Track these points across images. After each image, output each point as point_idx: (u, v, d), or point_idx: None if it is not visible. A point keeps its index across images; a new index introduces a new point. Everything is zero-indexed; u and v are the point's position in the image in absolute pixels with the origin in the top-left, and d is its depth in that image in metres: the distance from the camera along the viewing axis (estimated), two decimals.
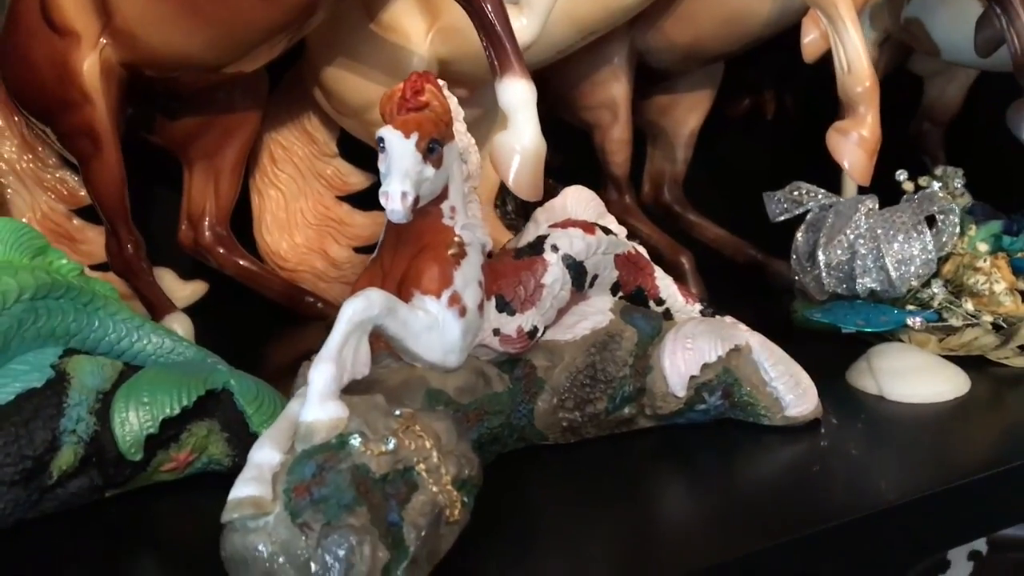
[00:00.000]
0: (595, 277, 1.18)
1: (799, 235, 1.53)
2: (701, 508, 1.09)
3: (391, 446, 0.87)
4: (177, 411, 1.02)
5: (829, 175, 1.68)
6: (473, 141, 1.09)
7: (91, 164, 1.32)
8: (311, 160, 1.68)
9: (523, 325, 1.08)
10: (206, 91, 1.46)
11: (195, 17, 1.23)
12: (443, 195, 1.04)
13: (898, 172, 1.52)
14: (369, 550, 0.81)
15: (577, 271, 1.14)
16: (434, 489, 0.88)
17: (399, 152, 0.97)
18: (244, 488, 0.85)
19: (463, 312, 1.00)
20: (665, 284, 1.26)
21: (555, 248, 1.13)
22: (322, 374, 0.88)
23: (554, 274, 1.12)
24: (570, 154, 1.68)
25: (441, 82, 1.06)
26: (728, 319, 1.28)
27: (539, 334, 1.10)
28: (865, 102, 1.24)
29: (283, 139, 1.67)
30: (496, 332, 1.06)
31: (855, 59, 1.24)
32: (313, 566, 0.81)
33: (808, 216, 1.54)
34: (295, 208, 1.67)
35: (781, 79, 2.25)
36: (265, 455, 0.87)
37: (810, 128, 1.72)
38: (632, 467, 1.14)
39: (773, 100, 2.28)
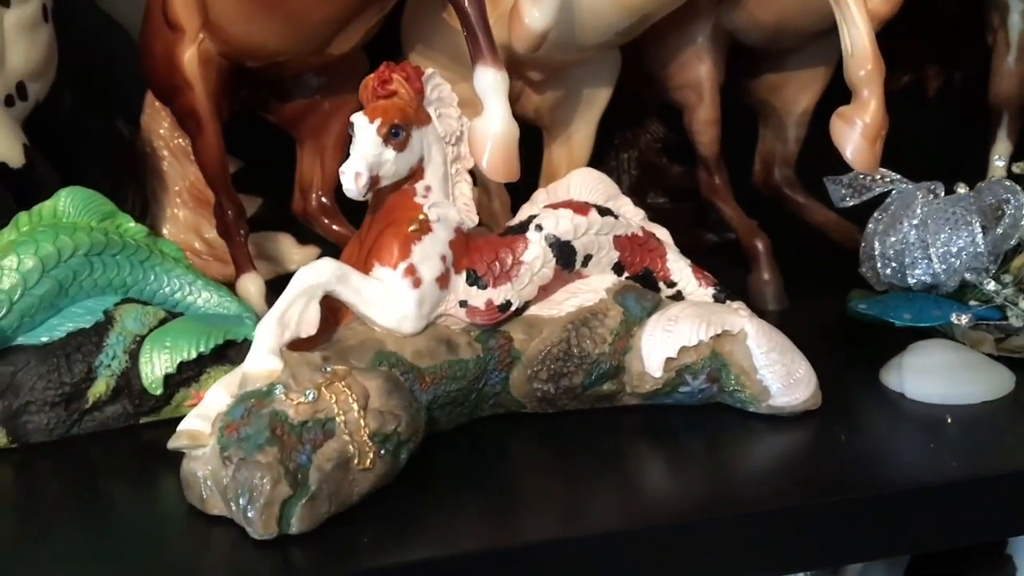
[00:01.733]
0: (588, 257, 1.22)
1: (870, 222, 1.46)
2: (676, 481, 1.11)
3: (310, 397, 0.98)
4: (194, 355, 1.20)
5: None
6: (467, 125, 1.17)
7: (196, 141, 1.53)
8: None
9: (494, 298, 1.15)
10: (308, 75, 1.63)
11: (266, 12, 1.39)
12: (418, 175, 1.13)
13: (995, 156, 1.41)
14: (270, 484, 0.93)
15: (563, 250, 1.19)
16: (346, 439, 0.98)
17: (360, 136, 1.08)
18: (188, 422, 1.01)
19: (417, 283, 1.10)
20: (678, 267, 1.28)
21: (539, 228, 1.19)
22: (264, 331, 1.02)
23: (534, 252, 1.17)
24: None
25: (432, 70, 1.15)
26: (735, 304, 1.27)
27: (512, 308, 1.16)
28: (868, 86, 1.17)
29: None
30: (463, 304, 1.14)
31: (858, 41, 1.17)
32: (228, 492, 0.95)
33: (885, 201, 1.47)
34: None
35: (948, 53, 2.10)
36: (215, 396, 1.02)
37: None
38: (611, 440, 1.18)
39: (939, 76, 2.13)
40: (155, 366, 1.19)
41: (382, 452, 1.00)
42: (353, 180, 1.05)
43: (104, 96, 1.72)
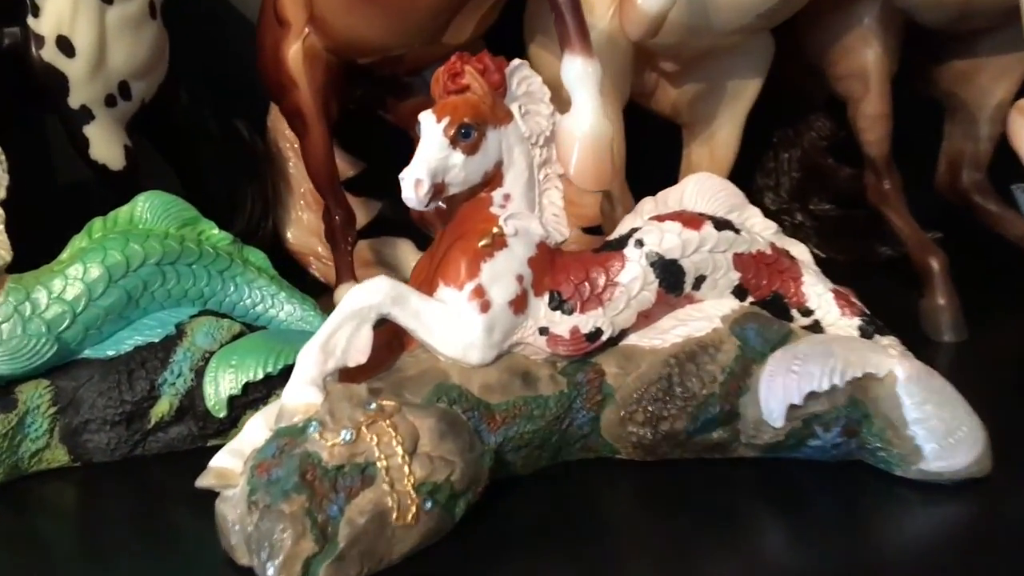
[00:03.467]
0: (700, 278, 1.03)
1: None
2: (797, 555, 0.92)
3: (346, 437, 0.86)
4: (260, 376, 1.10)
5: None
6: (559, 123, 1.01)
7: (303, 141, 1.45)
8: None
9: (580, 325, 0.99)
10: (426, 71, 1.51)
11: (367, 2, 1.29)
12: (496, 181, 0.98)
13: None
14: (292, 539, 0.82)
15: (668, 270, 1.01)
16: (386, 488, 0.85)
17: (426, 137, 0.94)
18: (218, 459, 0.91)
19: (486, 307, 0.95)
20: (816, 291, 1.07)
21: (640, 243, 1.01)
22: (305, 358, 0.90)
23: (632, 272, 1.00)
24: None
25: (519, 61, 1.01)
26: (885, 340, 1.04)
27: (603, 336, 0.99)
28: None
29: None
30: (544, 331, 0.98)
31: None
32: (251, 542, 0.84)
33: None
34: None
35: None
36: (252, 429, 0.92)
37: None
38: (722, 499, 0.99)
39: None
40: (219, 386, 1.10)
41: (429, 505, 0.87)
42: (413, 188, 0.92)
43: (224, 96, 1.67)
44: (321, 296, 1.42)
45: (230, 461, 0.90)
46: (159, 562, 0.93)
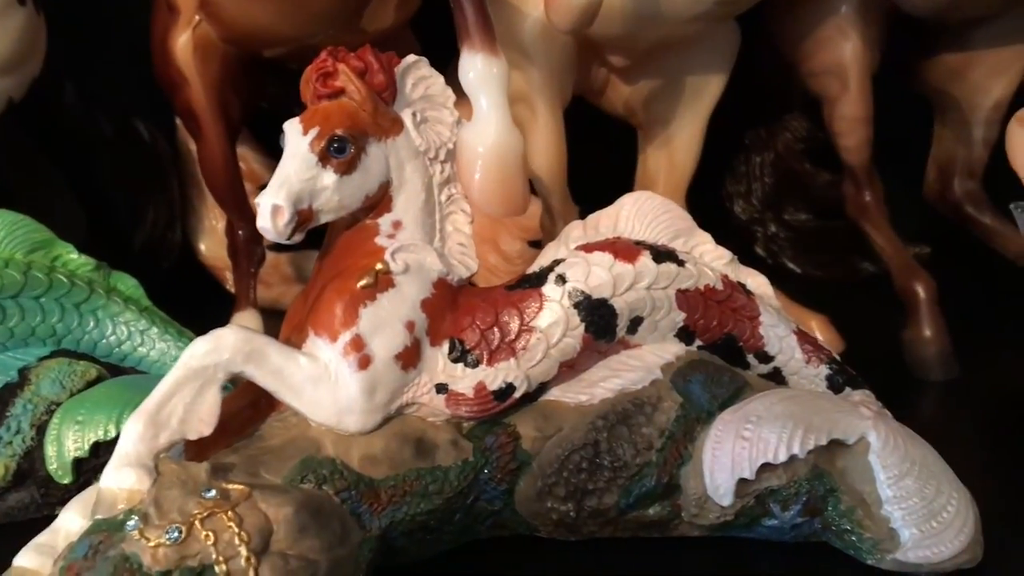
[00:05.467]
0: (636, 320, 0.85)
1: None
2: None
3: (173, 536, 0.68)
4: (112, 435, 0.91)
5: None
6: (458, 135, 0.83)
7: (198, 145, 1.26)
8: None
9: (487, 381, 0.81)
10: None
11: None
12: (383, 206, 0.80)
13: None
14: None
15: (596, 312, 0.83)
16: None
17: (288, 152, 0.76)
18: (22, 557, 0.73)
19: (364, 362, 0.77)
20: (777, 333, 0.89)
21: (562, 279, 0.83)
22: (127, 434, 0.72)
23: (552, 315, 0.82)
24: None
25: (414, 58, 0.82)
26: (857, 395, 0.87)
27: (516, 393, 0.81)
28: None
29: None
30: (442, 389, 0.80)
31: None
32: None
33: None
34: None
35: None
36: (66, 520, 0.75)
37: None
38: None
39: None
40: (63, 446, 0.92)
41: None
42: (270, 216, 0.74)
43: (127, 93, 1.47)
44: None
45: (36, 560, 0.72)
46: None
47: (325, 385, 0.77)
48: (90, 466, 0.93)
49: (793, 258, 1.57)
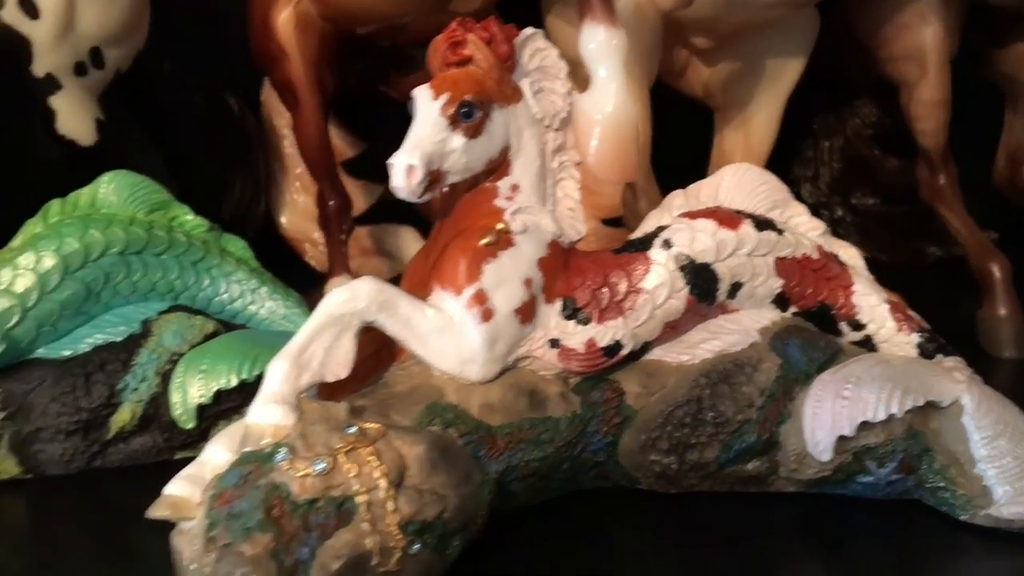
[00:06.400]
0: (736, 285, 0.90)
1: None
2: None
3: (320, 468, 0.73)
4: (234, 383, 0.97)
5: None
6: (576, 104, 0.87)
7: (294, 118, 1.33)
8: None
9: (597, 338, 0.85)
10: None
11: None
12: (502, 170, 0.85)
13: None
14: None
15: (699, 276, 0.88)
16: (366, 527, 0.72)
17: (420, 116, 0.81)
18: (172, 486, 0.77)
19: (487, 315, 0.81)
20: (869, 302, 0.93)
21: (667, 244, 0.88)
22: (274, 373, 0.77)
23: (658, 277, 0.87)
24: None
25: (531, 31, 0.87)
26: (949, 362, 0.91)
27: (623, 351, 0.86)
28: None
29: None
30: (555, 343, 0.85)
31: None
32: None
33: None
34: None
35: None
36: (212, 452, 0.79)
37: None
38: (756, 539, 0.86)
39: None
40: (187, 393, 0.97)
41: (415, 547, 0.74)
42: (404, 175, 0.78)
43: (214, 67, 1.53)
44: (316, 286, 1.30)
45: (187, 488, 0.77)
46: None
47: (450, 335, 0.82)
48: (211, 412, 0.98)
49: (859, 242, 1.58)
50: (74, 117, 1.20)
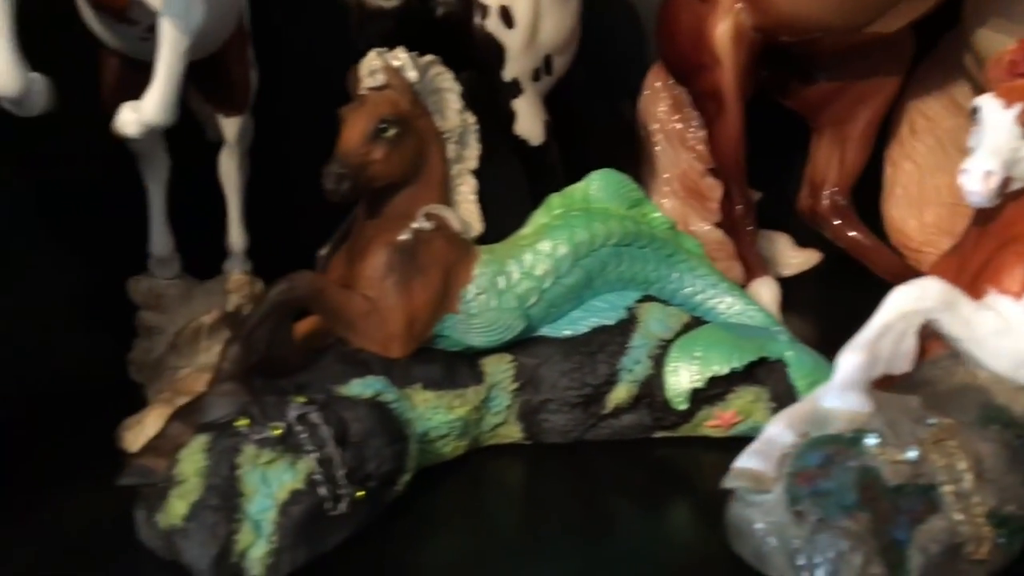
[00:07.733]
0: None
1: None
2: None
3: (911, 456, 0.77)
4: (726, 371, 1.03)
5: None
6: None
7: (715, 123, 1.38)
8: (956, 133, 1.52)
9: None
10: (844, 55, 1.41)
11: None
12: None
13: None
14: (860, 560, 0.74)
15: None
16: (958, 517, 0.76)
17: (992, 124, 0.84)
18: (749, 460, 0.84)
19: None
20: None
21: None
22: (849, 362, 0.82)
23: None
24: None
25: None
26: None
27: None
28: None
29: (927, 108, 1.53)
30: None
31: None
32: (799, 558, 0.77)
33: None
34: (931, 184, 1.54)
35: None
36: (777, 432, 0.85)
37: None
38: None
39: None
40: (682, 378, 1.04)
41: (1000, 540, 0.77)
42: (982, 181, 0.82)
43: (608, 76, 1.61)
44: None
45: (758, 463, 0.83)
46: (594, 550, 0.90)
47: (1007, 338, 0.84)
48: (700, 396, 1.05)
49: None
50: (529, 119, 1.30)
